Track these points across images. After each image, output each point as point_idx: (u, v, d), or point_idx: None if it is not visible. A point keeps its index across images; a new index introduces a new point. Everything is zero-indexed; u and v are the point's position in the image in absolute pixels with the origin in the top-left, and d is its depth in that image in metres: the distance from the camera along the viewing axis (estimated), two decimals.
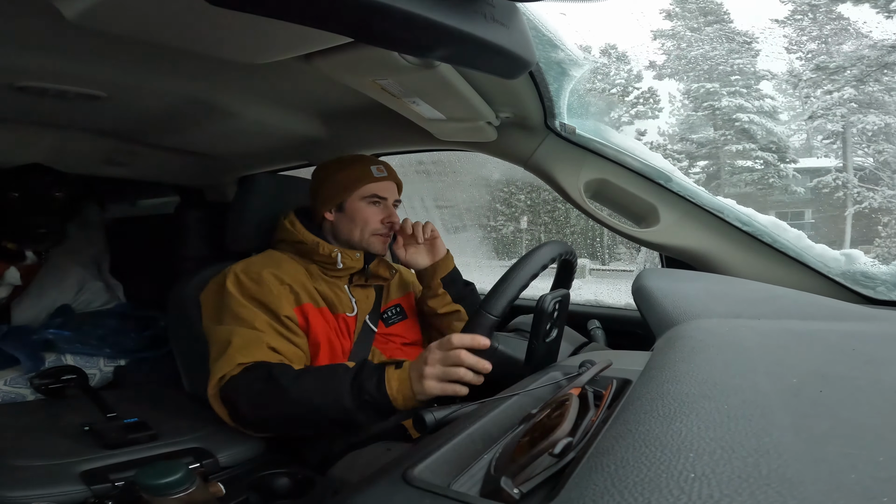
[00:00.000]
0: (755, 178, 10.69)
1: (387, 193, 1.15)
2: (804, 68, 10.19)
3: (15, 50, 0.88)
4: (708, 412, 0.37)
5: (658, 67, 12.01)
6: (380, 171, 1.14)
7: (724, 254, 1.11)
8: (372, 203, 1.13)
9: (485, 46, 0.47)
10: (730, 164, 10.92)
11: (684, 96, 11.66)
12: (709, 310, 0.73)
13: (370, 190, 1.13)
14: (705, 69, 11.43)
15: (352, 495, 0.42)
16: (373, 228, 1.13)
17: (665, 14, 11.90)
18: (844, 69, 9.56)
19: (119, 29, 0.59)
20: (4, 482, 0.87)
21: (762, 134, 10.98)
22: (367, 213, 1.12)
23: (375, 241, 1.13)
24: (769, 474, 0.27)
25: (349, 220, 1.13)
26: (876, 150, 9.74)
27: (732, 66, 11.20)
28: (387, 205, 1.15)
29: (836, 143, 10.37)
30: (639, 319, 1.01)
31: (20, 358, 1.38)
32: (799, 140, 11.59)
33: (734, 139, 11.05)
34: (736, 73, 11.21)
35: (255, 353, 0.96)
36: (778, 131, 11.05)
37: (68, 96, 1.09)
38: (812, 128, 11.16)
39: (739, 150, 10.98)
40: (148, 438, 1.03)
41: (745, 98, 11.09)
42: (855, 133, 9.92)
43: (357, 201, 1.12)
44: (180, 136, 1.48)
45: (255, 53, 0.68)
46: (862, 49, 9.40)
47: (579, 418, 0.46)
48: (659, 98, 12.18)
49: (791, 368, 0.45)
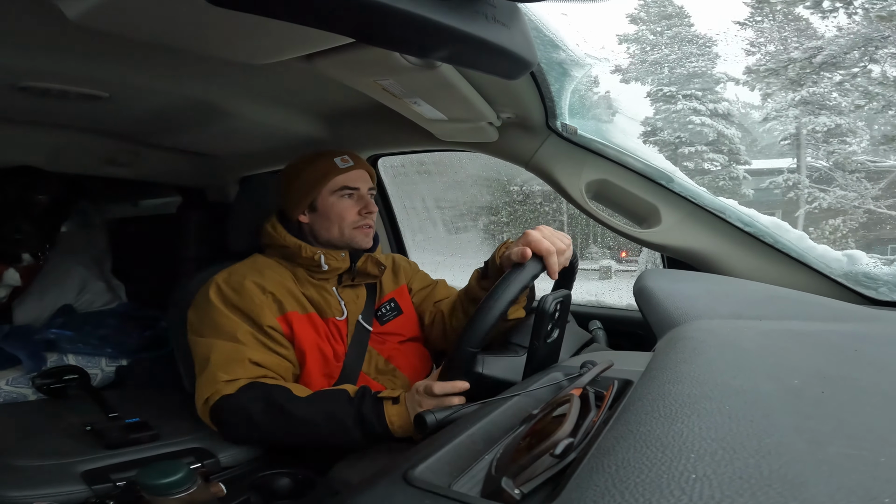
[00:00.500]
0: (706, 181, 10.69)
1: (357, 183, 1.09)
2: (760, 70, 10.21)
3: (17, 50, 0.88)
4: (709, 413, 0.37)
5: (623, 71, 12.00)
6: (345, 162, 1.09)
7: (726, 254, 1.11)
8: (344, 196, 1.08)
9: (486, 47, 0.47)
10: (683, 168, 10.94)
11: (646, 99, 11.69)
12: (710, 310, 0.73)
13: (339, 182, 1.07)
14: (665, 73, 11.47)
15: (352, 496, 0.42)
16: (351, 222, 1.08)
17: (630, 18, 11.91)
18: (785, 70, 9.56)
19: (121, 29, 0.59)
20: (6, 482, 0.88)
21: (714, 136, 11.01)
22: (340, 208, 1.07)
23: (358, 235, 1.09)
24: (771, 475, 0.27)
25: (325, 219, 1.08)
26: (828, 151, 9.73)
27: (691, 69, 11.24)
28: (360, 195, 1.10)
29: (792, 144, 10.39)
30: (640, 320, 1.01)
31: (22, 358, 1.38)
32: (766, 142, 11.69)
33: (688, 142, 11.08)
34: (696, 77, 11.24)
35: (236, 370, 0.95)
36: (730, 133, 11.06)
37: (70, 96, 1.09)
38: (765, 130, 11.27)
39: (692, 151, 11.00)
40: (149, 438, 1.04)
41: (700, 101, 11.12)
42: (807, 134, 9.92)
43: (328, 197, 1.08)
44: (182, 136, 1.49)
45: (257, 54, 0.68)
46: (802, 51, 9.39)
47: (580, 419, 0.46)
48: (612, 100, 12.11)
49: (793, 369, 0.45)
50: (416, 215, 1.94)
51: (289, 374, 1.02)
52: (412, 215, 1.83)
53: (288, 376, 1.02)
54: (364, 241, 1.10)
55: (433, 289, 1.24)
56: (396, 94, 0.91)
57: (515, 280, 0.83)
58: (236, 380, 0.95)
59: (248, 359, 0.96)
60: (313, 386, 1.03)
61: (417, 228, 1.88)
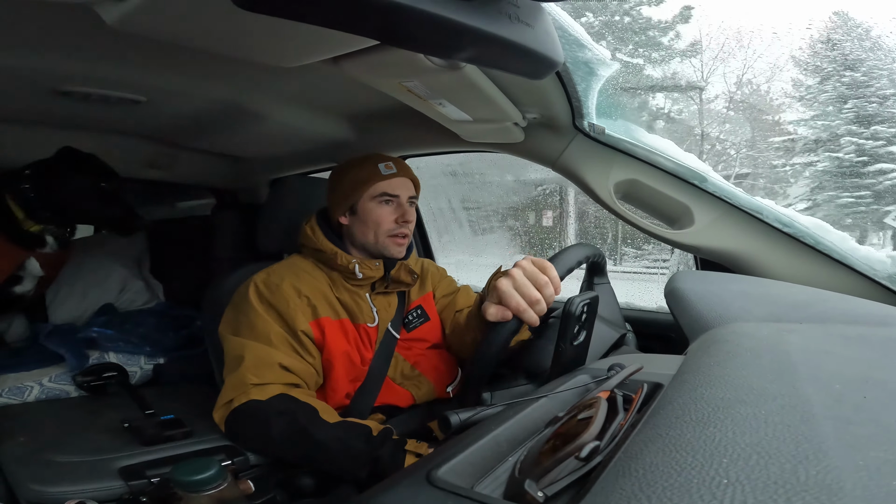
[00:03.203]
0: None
1: (398, 190, 1.10)
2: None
3: (60, 55, 0.92)
4: (744, 417, 0.35)
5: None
6: (388, 168, 1.10)
7: (764, 256, 1.07)
8: (383, 202, 1.09)
9: (510, 47, 0.46)
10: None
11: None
12: (747, 313, 0.70)
13: (380, 189, 1.08)
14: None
15: (375, 495, 0.42)
16: (386, 229, 1.09)
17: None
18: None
19: (155, 33, 0.62)
20: (46, 477, 0.91)
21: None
22: (378, 214, 1.08)
23: (391, 244, 1.09)
24: (807, 480, 0.26)
25: (362, 223, 1.09)
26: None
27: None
28: (399, 203, 1.10)
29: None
30: (671, 322, 0.98)
31: (65, 355, 1.43)
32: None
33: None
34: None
35: (266, 373, 0.97)
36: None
37: (111, 101, 1.14)
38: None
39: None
40: (183, 435, 1.07)
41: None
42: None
43: (367, 202, 1.09)
44: (215, 138, 1.53)
45: (284, 57, 0.70)
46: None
47: (607, 422, 0.45)
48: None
49: (834, 374, 0.43)
50: (441, 216, 1.94)
51: (313, 380, 1.03)
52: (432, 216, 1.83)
53: (312, 383, 1.03)
54: (396, 252, 1.10)
55: (455, 297, 1.24)
56: (421, 95, 0.91)
57: (497, 338, 0.83)
58: (266, 384, 0.96)
59: (278, 363, 0.98)
60: (338, 389, 1.05)
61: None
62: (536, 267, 0.85)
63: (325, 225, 1.13)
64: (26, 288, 1.51)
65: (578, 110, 1.07)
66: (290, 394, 0.96)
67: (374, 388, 1.07)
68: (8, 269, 1.43)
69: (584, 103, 1.05)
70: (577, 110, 1.07)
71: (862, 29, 6.94)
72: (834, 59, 6.95)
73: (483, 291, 0.97)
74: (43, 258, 1.48)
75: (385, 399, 1.08)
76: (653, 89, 8.45)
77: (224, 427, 0.99)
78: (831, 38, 7.05)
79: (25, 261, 1.46)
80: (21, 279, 1.48)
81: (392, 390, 1.09)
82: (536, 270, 0.84)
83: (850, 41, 6.92)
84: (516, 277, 0.83)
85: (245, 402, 0.95)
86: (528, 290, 0.82)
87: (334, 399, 1.05)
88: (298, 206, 1.28)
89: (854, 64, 6.78)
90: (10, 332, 1.58)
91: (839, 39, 6.99)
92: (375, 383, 1.07)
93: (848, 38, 6.94)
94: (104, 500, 0.88)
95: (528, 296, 0.82)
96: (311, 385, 1.03)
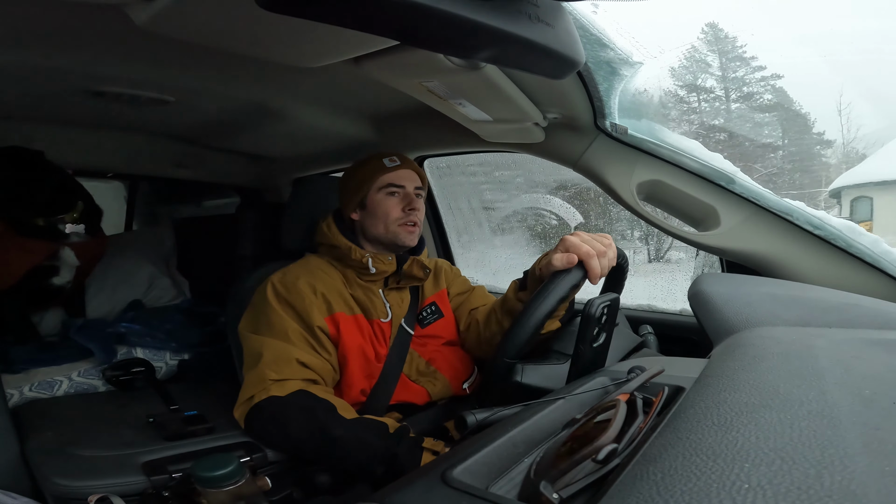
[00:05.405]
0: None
1: (403, 181, 1.13)
2: None
3: (93, 55, 0.95)
4: (768, 422, 0.34)
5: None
6: (392, 161, 1.14)
7: (793, 258, 1.03)
8: (389, 194, 1.12)
9: (530, 47, 0.46)
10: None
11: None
12: (774, 317, 0.68)
13: (385, 180, 1.12)
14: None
15: (391, 493, 0.43)
16: (395, 218, 1.11)
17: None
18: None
19: (183, 34, 0.63)
20: (71, 471, 0.93)
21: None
22: (386, 205, 1.12)
23: (402, 232, 1.12)
24: (832, 486, 0.25)
25: (372, 216, 1.13)
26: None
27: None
28: (406, 193, 1.13)
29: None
30: (694, 325, 0.96)
31: (94, 350, 1.46)
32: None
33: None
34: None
35: (284, 370, 0.99)
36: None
37: (140, 101, 1.17)
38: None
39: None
40: (205, 431, 1.09)
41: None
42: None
43: (375, 194, 1.12)
44: (240, 138, 1.57)
45: (306, 57, 0.71)
46: None
47: (626, 425, 0.44)
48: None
49: (864, 379, 0.42)
50: (461, 216, 1.93)
51: (330, 376, 1.05)
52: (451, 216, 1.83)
53: (329, 379, 1.05)
54: (408, 239, 1.13)
55: (470, 295, 1.25)
56: (441, 95, 0.92)
57: (556, 288, 0.81)
58: (285, 380, 0.98)
59: (296, 359, 1.00)
60: (354, 385, 1.06)
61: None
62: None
63: (340, 223, 1.16)
64: (64, 279, 1.55)
65: (600, 110, 1.06)
66: (309, 390, 0.98)
67: (390, 385, 1.08)
68: (29, 263, 1.46)
69: (605, 103, 1.04)
70: (598, 110, 1.06)
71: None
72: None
73: (526, 273, 1.00)
74: (78, 248, 1.51)
75: (401, 396, 1.09)
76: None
77: (244, 423, 1.01)
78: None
79: (60, 251, 1.50)
80: (58, 269, 1.52)
81: (408, 387, 1.09)
82: (599, 234, 0.88)
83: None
84: (582, 235, 0.86)
85: (266, 397, 0.97)
86: (595, 243, 0.85)
87: (350, 396, 1.06)
88: (321, 204, 1.30)
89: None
90: (43, 324, 1.62)
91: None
92: (391, 380, 1.08)
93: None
94: (127, 494, 0.88)
95: (596, 247, 0.85)
96: (328, 381, 1.05)
